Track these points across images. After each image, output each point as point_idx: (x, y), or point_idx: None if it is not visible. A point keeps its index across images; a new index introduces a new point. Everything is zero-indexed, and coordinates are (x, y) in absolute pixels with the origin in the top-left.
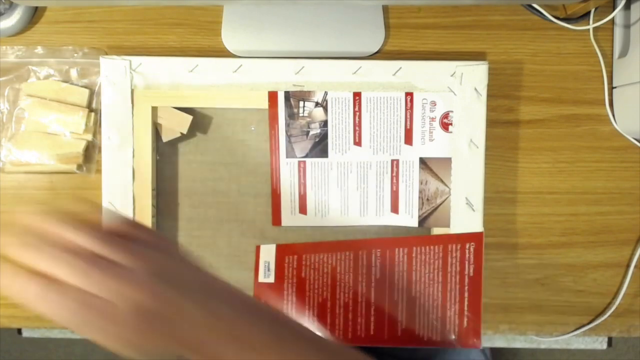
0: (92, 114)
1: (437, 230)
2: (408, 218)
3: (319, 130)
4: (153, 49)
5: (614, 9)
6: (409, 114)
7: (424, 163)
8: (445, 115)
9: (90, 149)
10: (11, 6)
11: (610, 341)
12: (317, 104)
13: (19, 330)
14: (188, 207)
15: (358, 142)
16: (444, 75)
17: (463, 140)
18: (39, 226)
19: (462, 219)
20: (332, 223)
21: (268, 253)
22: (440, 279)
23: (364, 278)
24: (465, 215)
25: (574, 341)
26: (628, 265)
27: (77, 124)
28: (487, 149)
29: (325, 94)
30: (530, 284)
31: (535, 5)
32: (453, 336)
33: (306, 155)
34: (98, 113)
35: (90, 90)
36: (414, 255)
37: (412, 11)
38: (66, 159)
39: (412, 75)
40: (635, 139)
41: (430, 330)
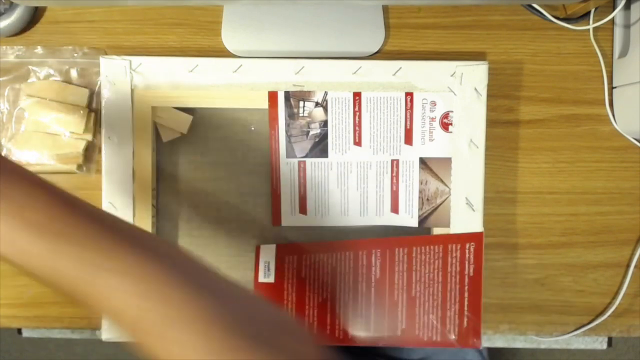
0: (92, 114)
1: (437, 230)
2: (408, 218)
3: (319, 130)
4: (153, 49)
5: (614, 9)
6: (409, 114)
7: (424, 163)
8: (445, 115)
9: (90, 149)
10: (11, 6)
11: (610, 341)
12: (317, 104)
13: (19, 330)
14: (188, 207)
15: (358, 142)
16: (444, 75)
17: (463, 140)
18: None
19: (462, 219)
20: (332, 223)
21: (268, 253)
22: (440, 279)
23: (364, 278)
24: (465, 215)
25: (574, 341)
26: (628, 265)
27: (77, 124)
28: (487, 149)
29: (325, 94)
30: (530, 284)
31: (535, 5)
32: (453, 336)
33: (306, 155)
34: (98, 113)
35: (90, 90)
36: (414, 255)
37: (412, 11)
38: (66, 159)
39: (412, 75)
40: (635, 139)
41: (430, 330)
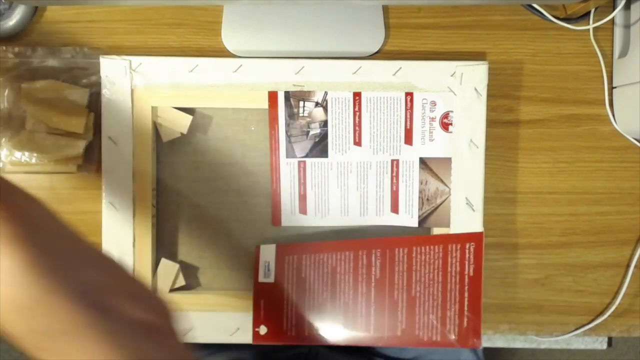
0: (92, 114)
1: (437, 230)
2: (408, 218)
3: (319, 130)
4: (153, 49)
5: (614, 9)
6: (409, 114)
7: (424, 163)
8: (445, 115)
9: (90, 149)
10: (11, 6)
11: (610, 341)
12: (317, 104)
13: None
14: (188, 207)
15: (358, 142)
16: (444, 75)
17: (463, 140)
18: None
19: (462, 219)
20: (332, 223)
21: (268, 253)
22: (440, 279)
23: (364, 278)
24: (465, 215)
25: (574, 341)
26: (628, 265)
27: (77, 124)
28: (487, 149)
29: (325, 94)
30: (530, 284)
31: (535, 5)
32: (453, 336)
33: (306, 155)
34: (98, 113)
35: (90, 90)
36: (414, 255)
37: (412, 11)
38: (66, 159)
39: (412, 75)
40: (635, 139)
41: (430, 330)
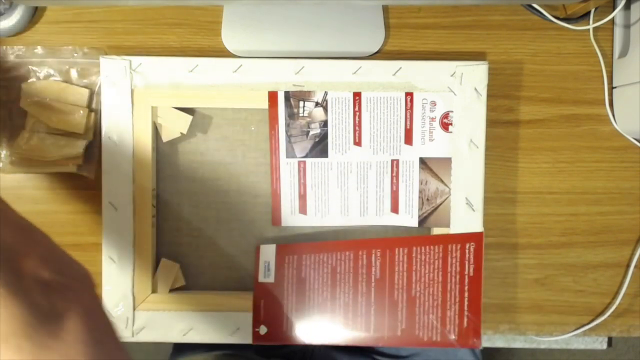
0: (92, 114)
1: (437, 230)
2: (408, 218)
3: (319, 130)
4: (153, 49)
5: (614, 9)
6: (409, 114)
7: (424, 163)
8: (445, 115)
9: (90, 149)
10: (11, 6)
11: (610, 341)
12: (317, 104)
13: None
14: (188, 207)
15: (358, 142)
16: (444, 75)
17: (463, 140)
18: None
19: (462, 219)
20: (332, 223)
21: (268, 253)
22: (440, 279)
23: (364, 278)
24: (465, 215)
25: (574, 341)
26: (628, 265)
27: (77, 124)
28: (487, 149)
29: (325, 94)
30: (530, 284)
31: (535, 5)
32: (453, 336)
33: (306, 155)
34: (98, 113)
35: (90, 90)
36: (414, 255)
37: (412, 11)
38: (66, 159)
39: (412, 75)
40: (635, 139)
41: (430, 330)
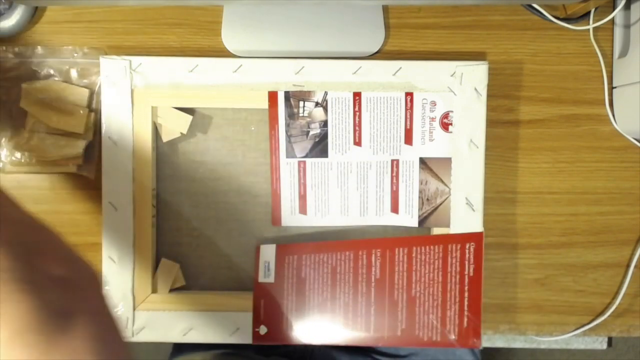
0: (92, 114)
1: (437, 230)
2: (408, 218)
3: (319, 130)
4: (153, 49)
5: (614, 9)
6: (409, 114)
7: (424, 163)
8: (445, 115)
9: (90, 149)
10: (11, 6)
11: (610, 341)
12: (317, 104)
13: None
14: (188, 207)
15: (358, 142)
16: (444, 75)
17: (463, 140)
18: None
19: (462, 219)
20: (332, 223)
21: (268, 253)
22: (440, 279)
23: (364, 278)
24: (465, 215)
25: (574, 341)
26: (628, 265)
27: (77, 124)
28: (487, 149)
29: (325, 94)
30: (530, 284)
31: (535, 5)
32: (453, 336)
33: (306, 155)
34: (98, 113)
35: (90, 90)
36: (414, 255)
37: (412, 11)
38: (66, 159)
39: (412, 75)
40: (635, 139)
41: (430, 330)
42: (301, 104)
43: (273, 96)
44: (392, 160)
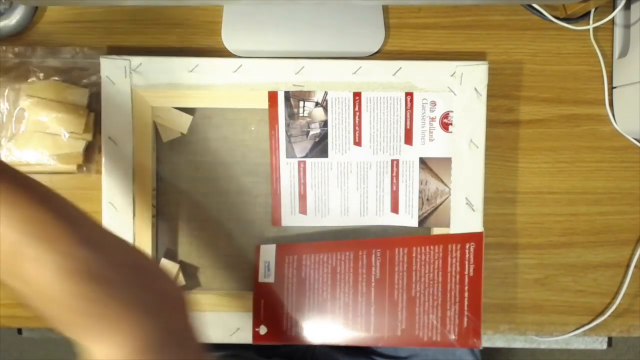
0: (92, 114)
1: (437, 230)
2: (408, 218)
3: (319, 130)
4: (153, 49)
5: (614, 9)
6: (409, 114)
7: (424, 163)
8: (445, 115)
9: (90, 149)
10: (11, 6)
11: (610, 341)
12: (317, 104)
13: (19, 330)
14: (188, 207)
15: (358, 142)
16: (444, 75)
17: (463, 140)
18: None
19: (462, 219)
20: (332, 223)
21: (268, 253)
22: (440, 279)
23: (364, 278)
24: (465, 215)
25: (574, 341)
26: (628, 265)
27: (77, 124)
28: (487, 149)
29: (325, 94)
30: (530, 284)
31: (535, 5)
32: (453, 336)
33: (306, 155)
34: (98, 113)
35: (90, 90)
36: (414, 255)
37: (412, 11)
38: (66, 159)
39: (412, 75)
40: (635, 139)
41: (430, 330)
42: (301, 104)
43: (273, 96)
44: (392, 160)
